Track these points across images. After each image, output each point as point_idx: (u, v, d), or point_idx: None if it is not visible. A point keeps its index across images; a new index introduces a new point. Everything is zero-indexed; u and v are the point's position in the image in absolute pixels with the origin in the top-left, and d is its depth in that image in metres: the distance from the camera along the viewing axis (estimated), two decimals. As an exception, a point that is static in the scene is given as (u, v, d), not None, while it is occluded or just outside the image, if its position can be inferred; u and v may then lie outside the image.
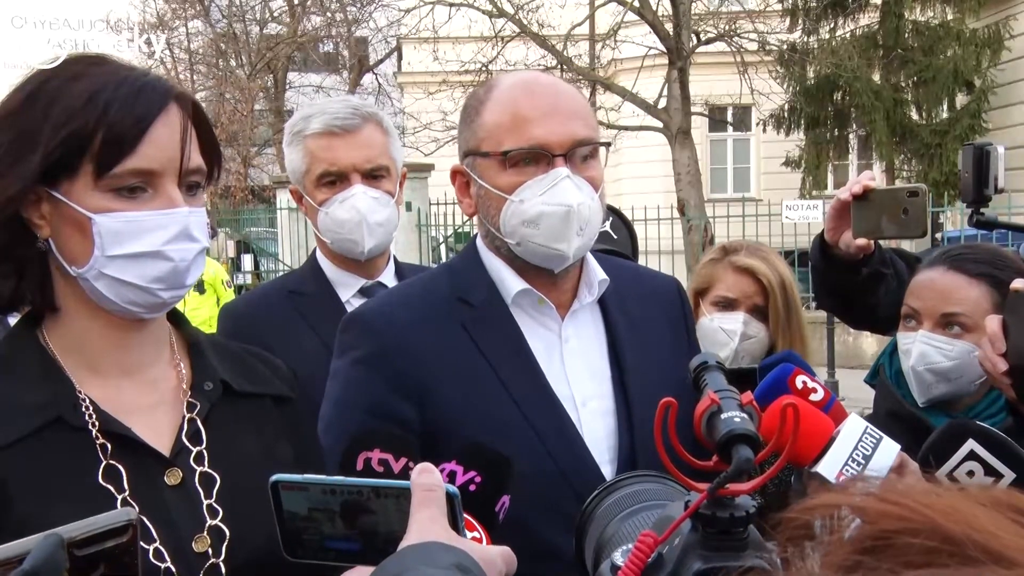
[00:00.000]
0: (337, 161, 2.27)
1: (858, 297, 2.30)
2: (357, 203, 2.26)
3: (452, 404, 1.60)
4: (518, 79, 1.72)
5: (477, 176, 1.67)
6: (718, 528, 0.86)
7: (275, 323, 2.27)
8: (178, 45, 22.23)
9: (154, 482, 1.26)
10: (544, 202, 1.60)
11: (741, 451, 0.88)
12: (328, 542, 1.03)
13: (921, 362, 1.96)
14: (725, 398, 0.94)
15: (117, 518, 0.95)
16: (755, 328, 2.39)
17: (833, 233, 2.22)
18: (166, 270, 1.24)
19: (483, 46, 15.32)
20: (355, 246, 2.29)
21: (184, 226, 1.24)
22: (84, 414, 1.25)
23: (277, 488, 1.02)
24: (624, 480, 1.13)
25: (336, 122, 2.27)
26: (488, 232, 1.70)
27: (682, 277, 11.50)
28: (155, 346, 1.35)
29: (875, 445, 1.65)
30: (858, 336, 11.75)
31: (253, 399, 1.40)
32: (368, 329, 1.67)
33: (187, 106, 1.28)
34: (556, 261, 1.66)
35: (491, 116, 1.65)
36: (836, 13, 16.96)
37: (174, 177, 1.24)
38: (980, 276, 1.95)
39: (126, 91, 1.22)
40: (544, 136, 1.61)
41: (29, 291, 1.28)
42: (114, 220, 1.21)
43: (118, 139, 1.20)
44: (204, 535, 1.26)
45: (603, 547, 1.03)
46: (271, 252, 14.83)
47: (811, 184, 17.17)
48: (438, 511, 0.95)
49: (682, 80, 13.99)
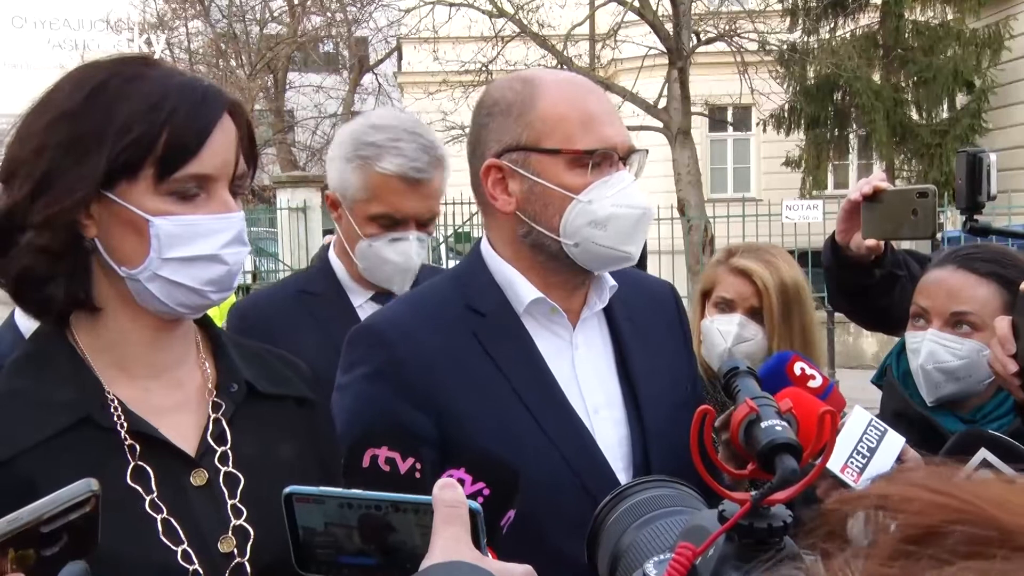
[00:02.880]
0: (403, 210, 2.23)
1: (873, 299, 2.29)
2: (408, 249, 2.24)
3: (466, 414, 1.58)
4: (563, 76, 1.69)
5: (530, 173, 1.61)
6: (755, 538, 0.84)
7: (285, 323, 2.26)
8: (178, 45, 22.21)
9: (180, 483, 1.26)
10: (615, 203, 1.58)
11: (786, 461, 0.86)
12: (342, 557, 1.01)
13: (930, 360, 1.96)
14: (763, 405, 0.93)
15: (79, 491, 0.95)
16: (751, 331, 2.38)
17: (844, 235, 2.22)
18: (221, 273, 1.26)
19: (483, 46, 15.32)
20: (390, 285, 2.29)
21: (239, 230, 1.27)
22: (113, 414, 1.25)
23: (291, 500, 1.00)
24: (635, 486, 1.11)
25: (412, 171, 2.18)
26: (530, 231, 1.63)
27: (682, 277, 11.45)
28: (184, 346, 1.36)
29: (880, 437, 1.65)
30: (858, 336, 11.75)
31: (276, 400, 1.40)
32: (377, 343, 1.65)
33: (240, 115, 1.30)
34: (616, 263, 1.65)
35: (555, 110, 1.59)
36: (836, 13, 16.96)
37: (227, 182, 1.27)
38: (989, 275, 1.94)
39: (190, 98, 1.24)
40: (614, 138, 1.60)
41: (80, 291, 1.27)
42: (172, 223, 1.22)
43: (182, 145, 1.22)
44: (229, 536, 1.26)
45: (620, 556, 1.00)
46: (271, 252, 14.81)
47: (811, 184, 17.17)
48: (462, 529, 0.93)
49: (682, 80, 13.99)
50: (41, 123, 1.24)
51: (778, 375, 1.50)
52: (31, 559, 0.93)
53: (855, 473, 1.62)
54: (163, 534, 1.22)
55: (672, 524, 0.99)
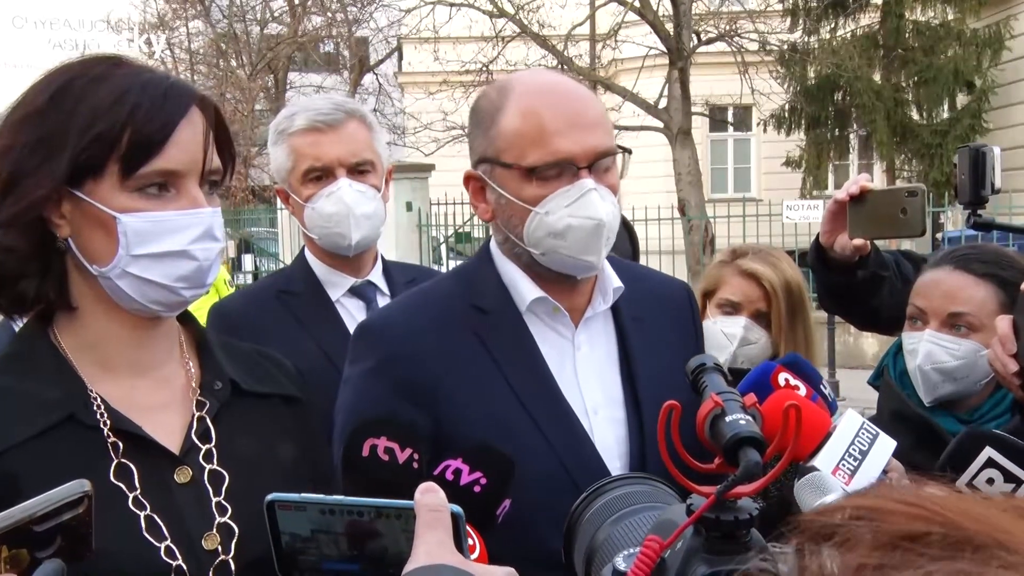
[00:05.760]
0: (322, 156, 2.28)
1: (859, 299, 2.29)
2: (343, 196, 2.27)
3: (463, 410, 1.59)
4: (537, 83, 1.67)
5: (496, 185, 1.64)
6: (722, 531, 0.85)
7: (266, 322, 2.27)
8: (179, 45, 22.21)
9: (164, 480, 1.27)
10: (571, 214, 1.59)
11: (749, 454, 0.88)
12: (326, 563, 1.00)
13: (928, 361, 1.96)
14: (728, 400, 0.94)
15: (72, 491, 0.96)
16: (756, 334, 2.38)
17: (828, 236, 2.21)
18: (191, 269, 1.25)
19: (484, 46, 15.33)
20: (342, 239, 2.29)
21: (208, 226, 1.26)
22: (96, 412, 1.25)
23: (273, 507, 1.00)
24: (612, 483, 1.12)
25: (320, 118, 2.28)
26: (507, 238, 1.68)
27: (682, 277, 11.50)
28: (167, 345, 1.36)
29: (872, 440, 1.66)
30: (859, 336, 11.74)
31: (261, 398, 1.40)
32: (380, 338, 1.67)
33: (208, 108, 1.29)
34: (583, 270, 1.66)
35: (511, 124, 1.61)
36: (837, 13, 16.95)
37: (196, 178, 1.26)
38: (986, 276, 1.94)
39: (152, 93, 1.24)
40: (569, 148, 1.58)
41: (51, 291, 1.28)
42: (140, 220, 1.22)
43: (145, 140, 1.21)
44: (214, 532, 1.27)
45: (595, 551, 1.01)
46: (271, 252, 14.83)
47: (812, 184, 17.17)
48: (445, 533, 0.94)
49: (683, 80, 13.99)
50: (8, 124, 1.25)
51: (762, 386, 1.50)
52: (25, 560, 0.94)
53: (846, 475, 1.63)
54: (146, 530, 1.22)
55: (644, 520, 1.00)
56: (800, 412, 0.95)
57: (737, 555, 0.84)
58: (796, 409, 0.94)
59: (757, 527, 0.87)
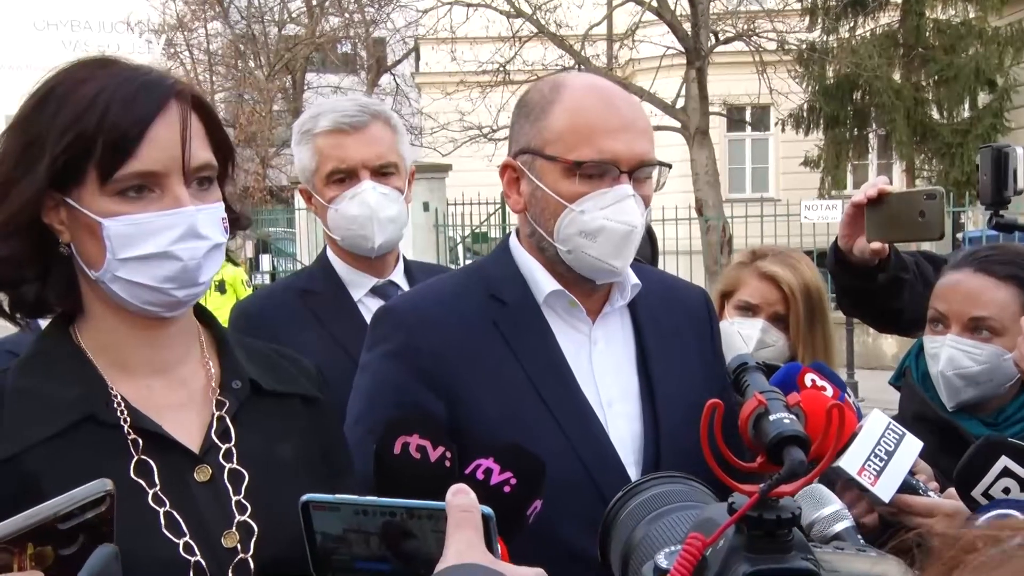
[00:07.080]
0: (347, 158, 2.29)
1: (879, 302, 2.27)
2: (367, 198, 2.28)
3: (480, 403, 1.60)
4: (592, 84, 1.70)
5: (535, 176, 1.66)
6: (764, 530, 0.85)
7: (288, 322, 2.28)
8: (197, 46, 22.36)
9: (184, 478, 1.27)
10: (606, 217, 1.60)
11: (793, 453, 0.87)
12: (358, 563, 1.02)
13: (950, 367, 1.94)
14: (772, 399, 0.93)
15: (95, 489, 0.97)
16: (774, 336, 2.36)
17: (847, 239, 2.20)
18: (176, 269, 1.24)
19: (501, 46, 15.31)
20: (365, 241, 2.31)
21: (190, 224, 1.24)
22: (116, 411, 1.26)
23: (308, 508, 1.01)
24: (648, 482, 1.12)
25: (345, 120, 2.29)
26: (534, 232, 1.69)
27: (700, 277, 11.41)
28: (184, 344, 1.36)
29: (898, 441, 1.65)
30: (877, 337, 11.67)
31: (281, 398, 1.41)
32: (400, 323, 1.68)
33: (187, 101, 1.26)
34: (605, 275, 1.67)
35: (562, 119, 1.62)
36: (856, 12, 16.83)
37: (179, 176, 1.24)
38: (1008, 278, 1.92)
39: (124, 92, 1.22)
40: (618, 150, 1.60)
41: (53, 295, 1.29)
42: (121, 223, 1.22)
43: (118, 143, 1.20)
44: (233, 531, 1.27)
45: (632, 550, 1.01)
46: (289, 252, 14.90)
47: (830, 184, 17.06)
48: (475, 534, 0.94)
49: (700, 80, 13.93)
50: (5, 132, 1.26)
51: (788, 387, 1.49)
52: (49, 558, 0.95)
53: (872, 476, 1.62)
54: (165, 527, 1.23)
55: (684, 518, 1.00)
56: (843, 412, 0.94)
57: (778, 554, 0.84)
58: (839, 409, 0.94)
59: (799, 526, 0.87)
